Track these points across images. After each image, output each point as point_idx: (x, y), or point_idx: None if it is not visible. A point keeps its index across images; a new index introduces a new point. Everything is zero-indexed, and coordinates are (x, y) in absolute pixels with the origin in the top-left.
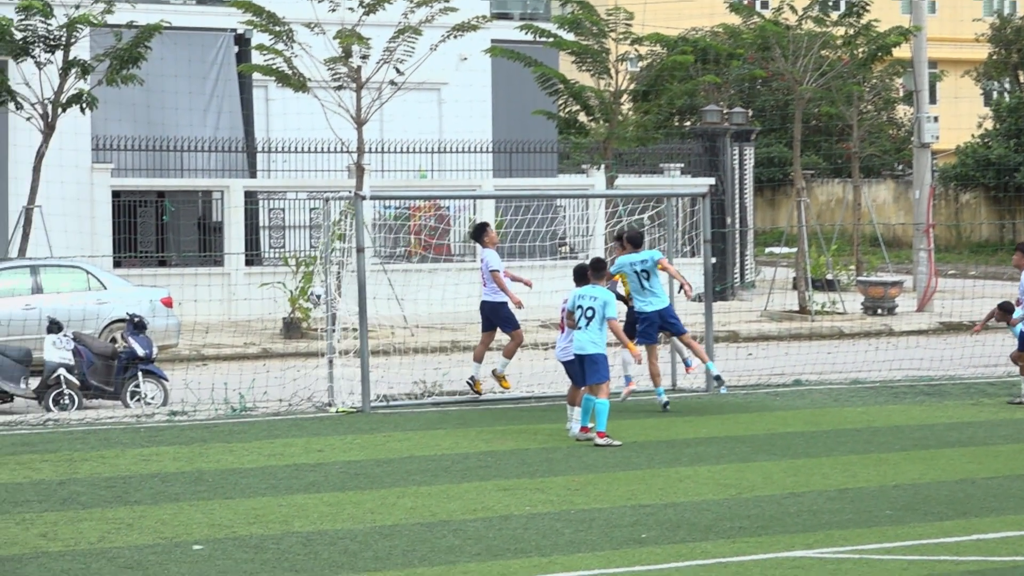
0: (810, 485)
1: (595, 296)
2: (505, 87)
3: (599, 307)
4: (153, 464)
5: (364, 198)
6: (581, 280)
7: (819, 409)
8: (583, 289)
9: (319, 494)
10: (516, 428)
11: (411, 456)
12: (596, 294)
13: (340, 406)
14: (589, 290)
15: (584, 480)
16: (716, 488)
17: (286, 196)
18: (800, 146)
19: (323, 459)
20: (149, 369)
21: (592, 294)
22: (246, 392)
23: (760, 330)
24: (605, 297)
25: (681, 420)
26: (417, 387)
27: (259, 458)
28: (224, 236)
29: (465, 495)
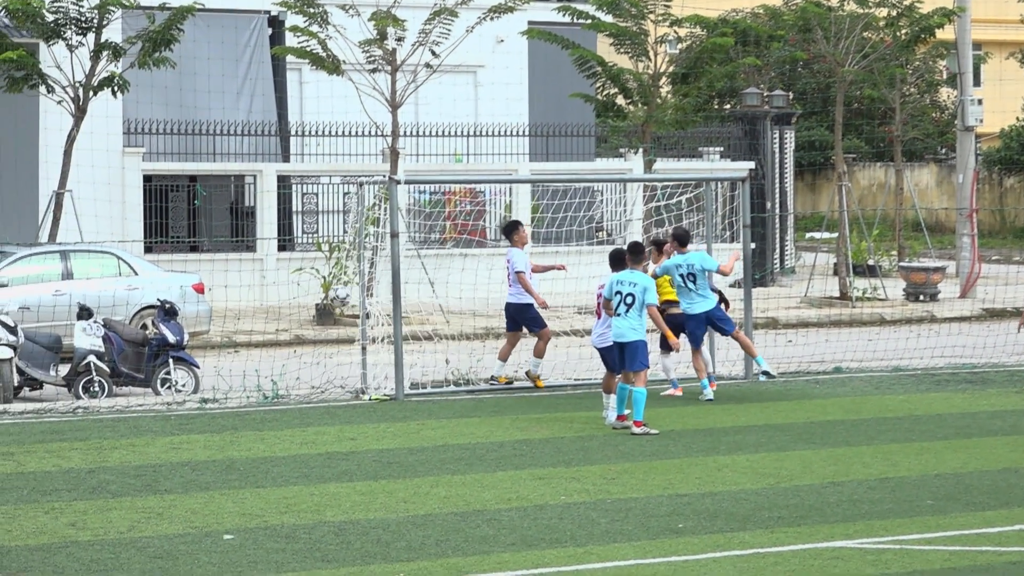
0: (850, 474)
1: (634, 282)
2: (542, 70)
3: (639, 293)
4: (183, 452)
5: (399, 182)
6: (617, 265)
7: (860, 397)
8: (621, 274)
9: (351, 483)
10: (551, 416)
11: (445, 444)
12: (635, 279)
13: (373, 394)
14: (628, 275)
15: (620, 469)
16: (754, 477)
17: (319, 180)
18: (841, 129)
19: (356, 447)
20: (180, 356)
21: (631, 279)
22: (278, 379)
23: (800, 316)
24: (645, 283)
25: (719, 408)
26: (451, 374)
27: (291, 446)
28: (256, 221)
29: (499, 484)
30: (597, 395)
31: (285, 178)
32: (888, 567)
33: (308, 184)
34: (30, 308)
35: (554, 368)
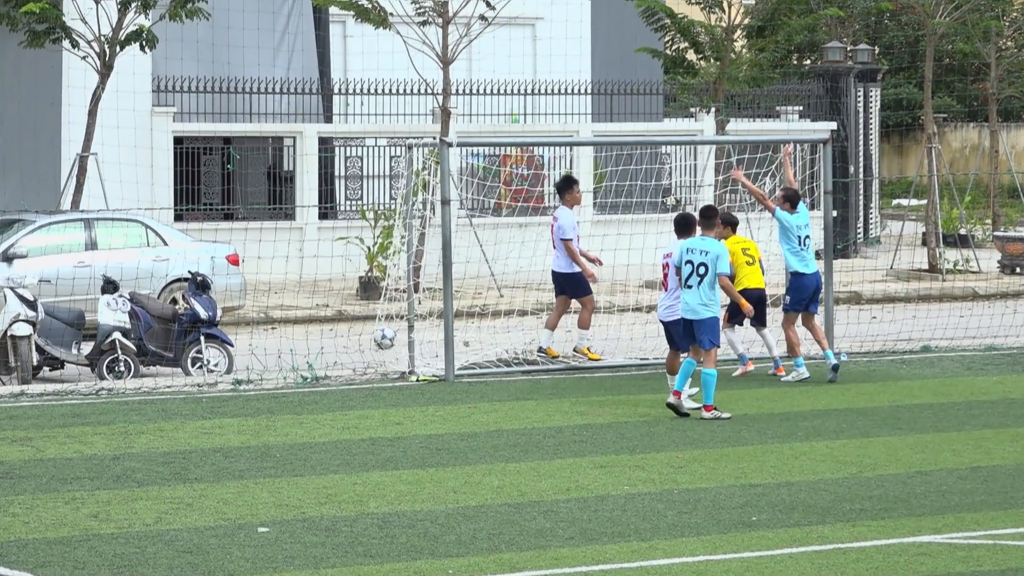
0: (939, 463)
1: (706, 249)
2: (605, 22)
3: (711, 262)
4: (215, 438)
5: (450, 145)
6: (683, 231)
7: (950, 379)
8: (691, 241)
9: (397, 471)
10: (614, 399)
11: (498, 430)
12: (707, 247)
13: (421, 374)
14: (699, 242)
15: (689, 457)
16: (835, 466)
17: (364, 143)
18: (931, 87)
19: (402, 433)
20: (212, 333)
21: (703, 247)
22: (317, 359)
23: (885, 291)
24: (718, 250)
25: (797, 391)
26: (506, 353)
27: (331, 432)
28: (296, 187)
29: (557, 473)
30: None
31: (327, 140)
32: (980, 564)
33: (352, 147)
34: (51, 281)
35: (617, 346)
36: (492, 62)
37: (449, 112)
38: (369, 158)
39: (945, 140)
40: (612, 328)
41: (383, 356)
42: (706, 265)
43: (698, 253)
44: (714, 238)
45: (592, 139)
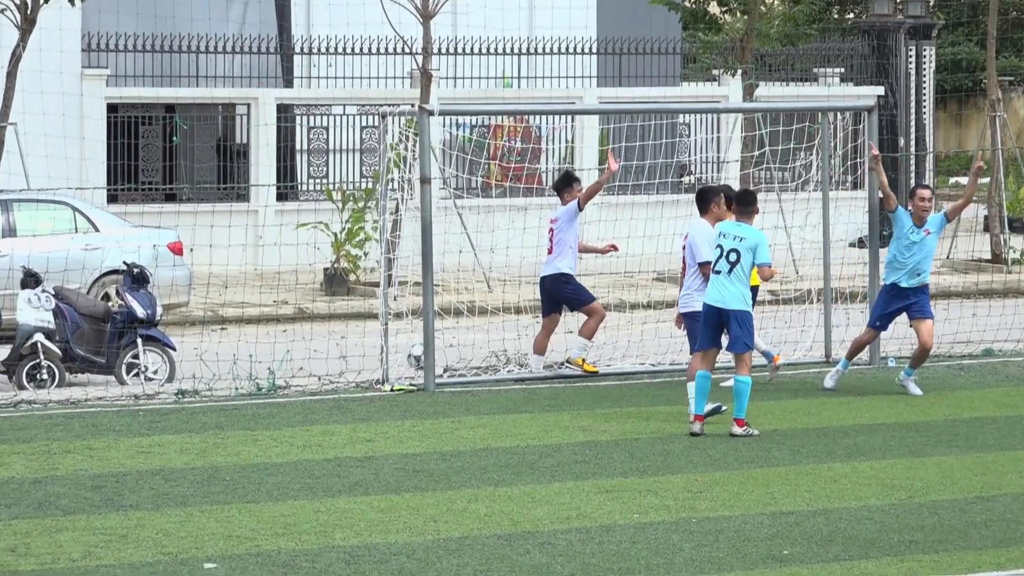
0: (1003, 487)
1: (741, 236)
2: None
3: (746, 250)
4: (154, 458)
5: (431, 114)
6: (702, 205)
7: (1016, 388)
8: (726, 225)
9: (367, 497)
10: (622, 412)
11: (486, 448)
12: (743, 233)
13: (396, 383)
14: (733, 227)
15: (710, 480)
16: (880, 490)
17: (331, 111)
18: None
19: (373, 451)
20: (151, 335)
21: (737, 232)
22: (276, 365)
23: (940, 284)
24: (755, 238)
25: (836, 402)
26: (497, 358)
27: (291, 450)
28: (251, 163)
29: (556, 499)
30: (681, 384)
31: (287, 108)
32: None
33: (316, 116)
34: None
35: (628, 350)
36: (481, 16)
37: (430, 75)
38: (336, 129)
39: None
40: (620, 329)
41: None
42: (738, 252)
43: (731, 239)
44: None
45: (598, 107)
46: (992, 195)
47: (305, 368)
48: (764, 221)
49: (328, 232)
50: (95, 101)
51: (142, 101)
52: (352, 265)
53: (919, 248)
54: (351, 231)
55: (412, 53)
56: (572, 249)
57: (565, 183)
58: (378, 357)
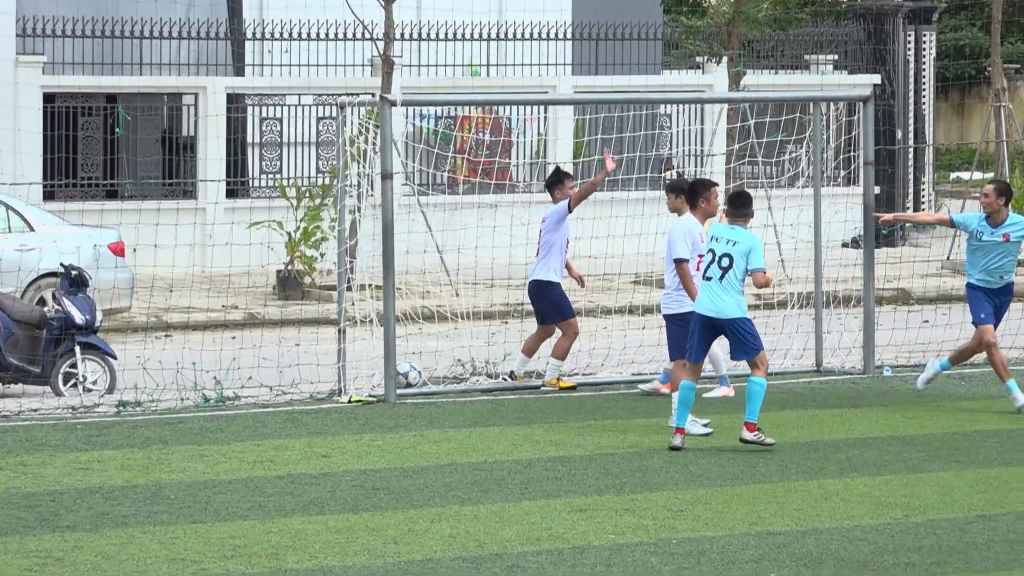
0: (1006, 505)
1: (734, 239)
2: None
3: (739, 254)
4: (94, 475)
5: (393, 104)
6: (692, 199)
7: None
8: (719, 228)
9: (323, 516)
10: (598, 425)
11: (451, 463)
12: (736, 236)
13: (354, 394)
14: (726, 231)
15: (691, 497)
16: (875, 509)
17: (285, 101)
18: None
19: (329, 468)
20: (90, 342)
21: (730, 236)
22: (225, 375)
23: (940, 288)
24: (749, 242)
25: (828, 414)
26: (462, 367)
27: (241, 466)
28: (198, 157)
29: (525, 518)
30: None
31: (238, 98)
32: None
33: (269, 106)
34: None
35: (605, 359)
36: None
37: (392, 63)
38: (291, 120)
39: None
40: (597, 336)
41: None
42: (731, 257)
43: (724, 242)
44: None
45: (573, 97)
46: None
47: (256, 378)
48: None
49: (282, 232)
50: (30, 90)
51: (81, 90)
52: (307, 267)
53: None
54: (306, 230)
55: (373, 39)
56: (560, 253)
57: (556, 180)
58: (335, 366)
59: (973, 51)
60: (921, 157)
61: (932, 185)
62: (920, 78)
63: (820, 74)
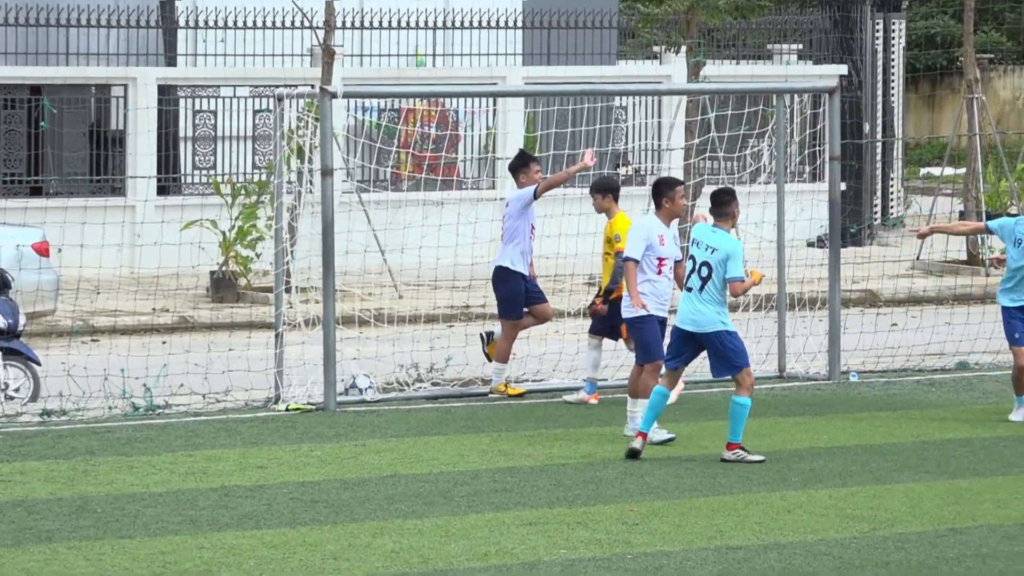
0: (978, 517)
1: (713, 246)
2: None
3: (717, 262)
4: (15, 487)
5: (334, 96)
6: (657, 197)
7: (994, 405)
8: (700, 230)
9: (258, 531)
10: (548, 433)
11: (394, 475)
12: (716, 242)
13: (292, 402)
14: (707, 234)
15: (647, 510)
16: (840, 522)
17: (219, 93)
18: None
19: (265, 479)
20: (12, 347)
21: (710, 241)
22: (154, 382)
23: (911, 289)
24: (728, 249)
25: (791, 422)
26: (406, 373)
27: (171, 479)
28: (128, 152)
29: (473, 532)
30: (615, 402)
31: (170, 89)
32: None
33: (203, 98)
34: None
35: (557, 364)
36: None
37: (333, 52)
38: (226, 113)
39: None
40: (548, 340)
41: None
42: (709, 266)
43: (703, 249)
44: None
45: (523, 88)
46: (969, 187)
47: (187, 385)
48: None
49: (215, 231)
50: None
51: (3, 81)
52: (242, 268)
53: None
54: (242, 229)
55: (312, 27)
56: (525, 240)
57: (521, 163)
58: (270, 371)
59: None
60: (890, 152)
61: (901, 181)
62: (889, 69)
63: (784, 64)
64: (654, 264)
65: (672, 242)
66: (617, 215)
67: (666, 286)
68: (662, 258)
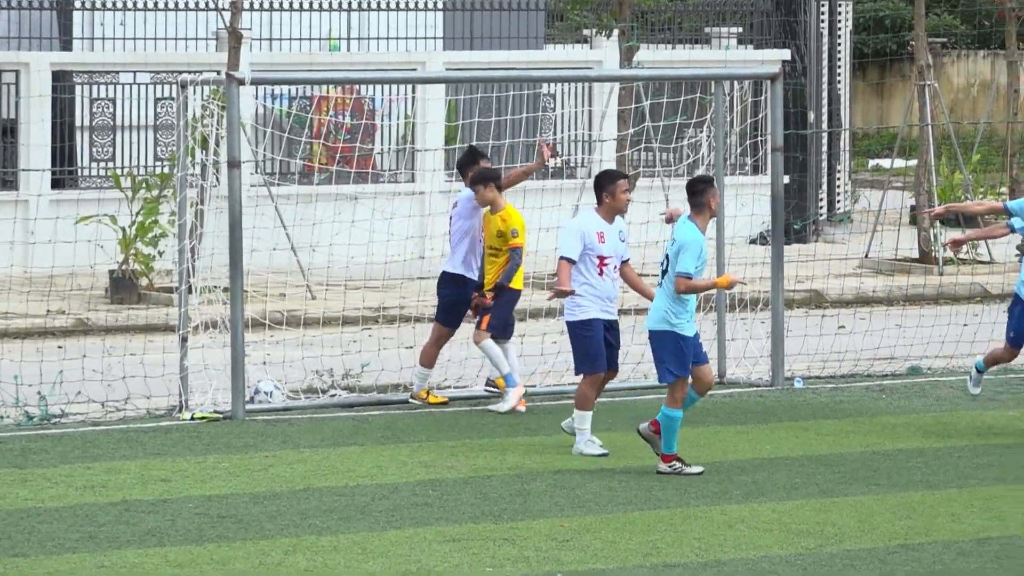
0: (932, 533)
1: (675, 236)
2: None
3: (673, 255)
4: None
5: (241, 82)
6: (596, 192)
7: (948, 413)
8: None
9: (162, 548)
10: (473, 444)
11: (307, 488)
12: (677, 235)
13: (197, 410)
14: (678, 224)
15: (578, 526)
16: (785, 537)
17: (118, 79)
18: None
19: (169, 493)
20: None
21: (674, 234)
22: (50, 389)
23: (859, 289)
24: (683, 239)
25: (732, 431)
26: (320, 380)
27: (69, 492)
28: (20, 143)
29: (392, 549)
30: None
31: (65, 75)
32: None
33: (101, 85)
34: None
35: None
36: None
37: (240, 35)
38: (125, 101)
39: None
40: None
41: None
42: (667, 259)
43: (670, 242)
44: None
45: (445, 74)
46: (921, 181)
47: (85, 392)
48: (648, 212)
49: (115, 227)
50: None
51: None
52: (144, 267)
53: None
54: (143, 225)
55: (218, 9)
56: (475, 243)
57: (471, 160)
58: (175, 378)
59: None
60: (836, 142)
61: (848, 174)
62: (835, 54)
63: (723, 49)
64: (594, 264)
65: (616, 239)
66: (509, 206)
67: (610, 287)
68: (603, 257)
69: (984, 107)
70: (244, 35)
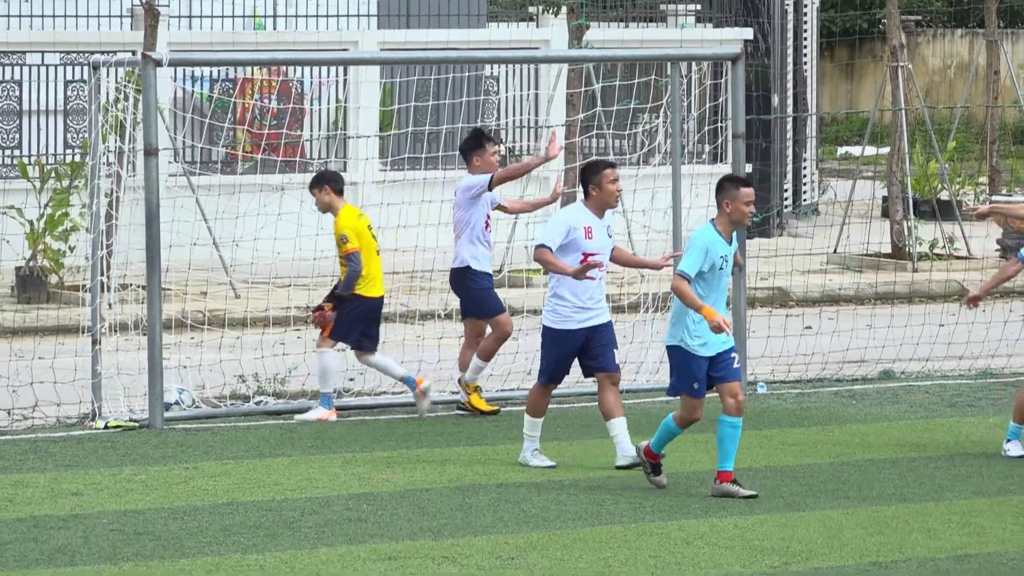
0: (906, 549)
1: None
2: None
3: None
4: None
5: (158, 64)
6: (583, 186)
7: (923, 420)
8: None
9: (73, 567)
10: (410, 454)
11: (231, 502)
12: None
13: (112, 418)
14: None
15: (524, 542)
16: (748, 555)
17: (24, 60)
18: None
19: (81, 508)
20: None
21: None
22: None
23: (826, 287)
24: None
25: (690, 440)
26: (244, 386)
27: None
28: None
29: (323, 568)
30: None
31: None
32: None
33: (6, 66)
34: None
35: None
36: None
37: (157, 13)
38: (32, 84)
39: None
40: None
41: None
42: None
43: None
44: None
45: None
46: (893, 169)
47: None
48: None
49: (22, 220)
50: None
51: None
52: (53, 263)
53: None
54: (52, 219)
55: None
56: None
57: (476, 144)
58: (87, 384)
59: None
60: (802, 128)
61: (815, 162)
62: (800, 33)
63: (679, 28)
64: (578, 261)
65: (604, 234)
66: (342, 210)
67: (596, 287)
68: (589, 254)
69: (962, 90)
70: (161, 12)
